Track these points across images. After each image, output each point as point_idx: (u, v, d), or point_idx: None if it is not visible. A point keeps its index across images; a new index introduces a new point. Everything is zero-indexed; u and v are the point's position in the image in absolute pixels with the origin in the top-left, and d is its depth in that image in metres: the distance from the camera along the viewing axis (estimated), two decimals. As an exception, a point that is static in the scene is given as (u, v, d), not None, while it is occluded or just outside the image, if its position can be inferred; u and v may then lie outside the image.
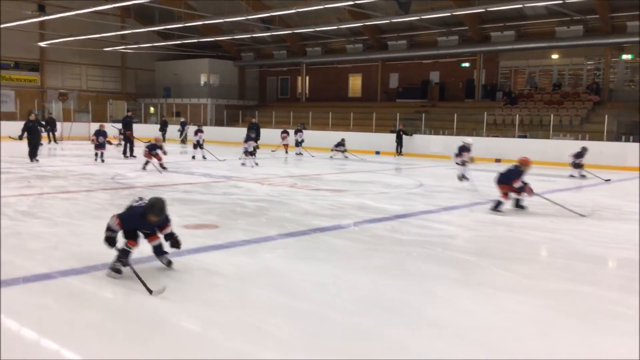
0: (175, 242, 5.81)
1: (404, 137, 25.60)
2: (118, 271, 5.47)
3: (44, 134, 24.06)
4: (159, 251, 5.89)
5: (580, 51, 27.98)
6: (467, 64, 31.30)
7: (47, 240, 7.16)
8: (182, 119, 32.47)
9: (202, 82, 39.66)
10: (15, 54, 36.05)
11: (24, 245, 6.91)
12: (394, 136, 25.73)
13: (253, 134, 20.76)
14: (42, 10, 28.90)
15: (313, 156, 23.61)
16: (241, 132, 23.30)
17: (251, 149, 19.25)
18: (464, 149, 14.48)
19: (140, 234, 5.69)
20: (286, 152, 25.02)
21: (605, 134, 22.37)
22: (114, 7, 32.45)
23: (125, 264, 5.42)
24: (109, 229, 5.44)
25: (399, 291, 5.47)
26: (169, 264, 5.90)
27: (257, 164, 18.26)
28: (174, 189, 12.44)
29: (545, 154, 21.77)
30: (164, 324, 4.43)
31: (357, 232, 8.27)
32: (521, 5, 23.74)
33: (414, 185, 14.43)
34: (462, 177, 14.14)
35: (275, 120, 33.14)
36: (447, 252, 7.08)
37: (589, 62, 28.66)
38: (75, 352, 3.92)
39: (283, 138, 25.38)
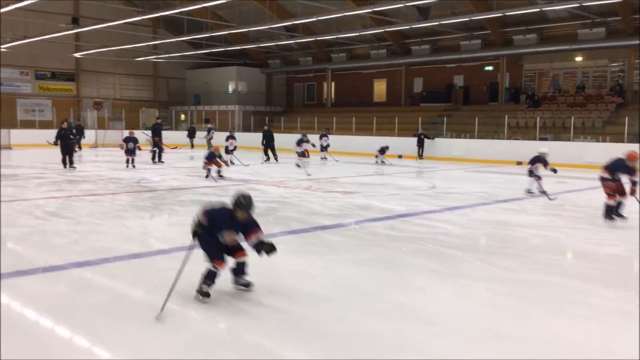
0: (270, 246, 5.14)
1: (426, 140, 25.93)
2: (206, 294, 5.06)
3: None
4: (241, 270, 5.35)
5: (604, 53, 27.80)
6: (490, 68, 31.37)
7: (68, 237, 7.84)
8: (210, 125, 33.25)
9: (230, 89, 40.61)
10: (51, 65, 37.73)
11: (47, 240, 7.62)
12: (415, 140, 26.07)
13: (306, 139, 21.77)
14: (75, 22, 30.14)
15: (337, 160, 24.06)
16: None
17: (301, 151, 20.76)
18: (538, 159, 12.62)
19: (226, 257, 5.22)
20: (307, 156, 25.51)
21: (625, 135, 22.25)
22: (145, 19, 33.63)
23: (211, 285, 5.09)
24: (195, 223, 5.12)
25: (379, 280, 5.95)
26: (248, 285, 5.38)
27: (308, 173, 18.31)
28: (193, 192, 13.08)
29: (566, 156, 21.83)
30: (166, 309, 4.76)
31: (356, 230, 8.74)
32: (539, 9, 23.82)
33: (426, 188, 14.82)
34: (535, 190, 12.65)
35: (300, 126, 33.83)
36: (436, 248, 7.47)
37: (613, 64, 28.41)
38: (82, 331, 4.42)
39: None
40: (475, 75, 32.31)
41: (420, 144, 25.93)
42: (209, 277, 5.10)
